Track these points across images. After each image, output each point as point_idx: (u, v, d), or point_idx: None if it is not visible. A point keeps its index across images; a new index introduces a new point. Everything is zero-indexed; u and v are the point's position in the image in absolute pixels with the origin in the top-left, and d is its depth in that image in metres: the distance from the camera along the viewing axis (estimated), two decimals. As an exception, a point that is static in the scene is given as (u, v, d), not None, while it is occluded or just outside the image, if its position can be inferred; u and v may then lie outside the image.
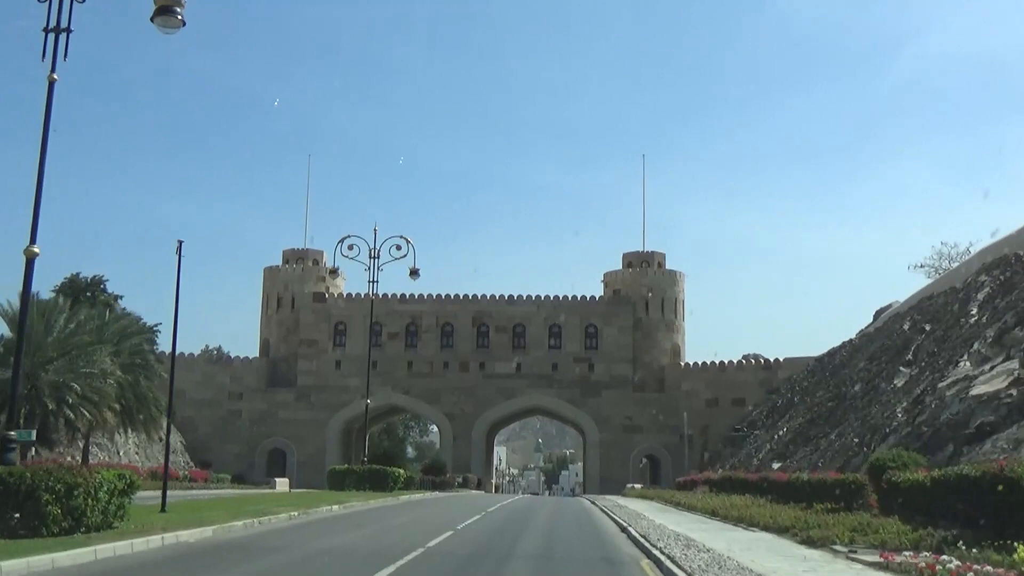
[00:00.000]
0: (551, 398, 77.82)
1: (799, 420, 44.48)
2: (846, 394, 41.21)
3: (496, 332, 78.72)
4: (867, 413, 35.11)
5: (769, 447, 45.12)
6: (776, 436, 45.82)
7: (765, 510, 25.54)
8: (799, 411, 48.38)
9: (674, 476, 75.50)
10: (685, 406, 76.69)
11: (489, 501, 39.54)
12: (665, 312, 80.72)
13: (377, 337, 79.02)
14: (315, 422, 77.49)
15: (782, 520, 22.12)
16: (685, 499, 36.21)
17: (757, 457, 45.50)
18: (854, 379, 42.40)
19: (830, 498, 24.89)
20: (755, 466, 44.64)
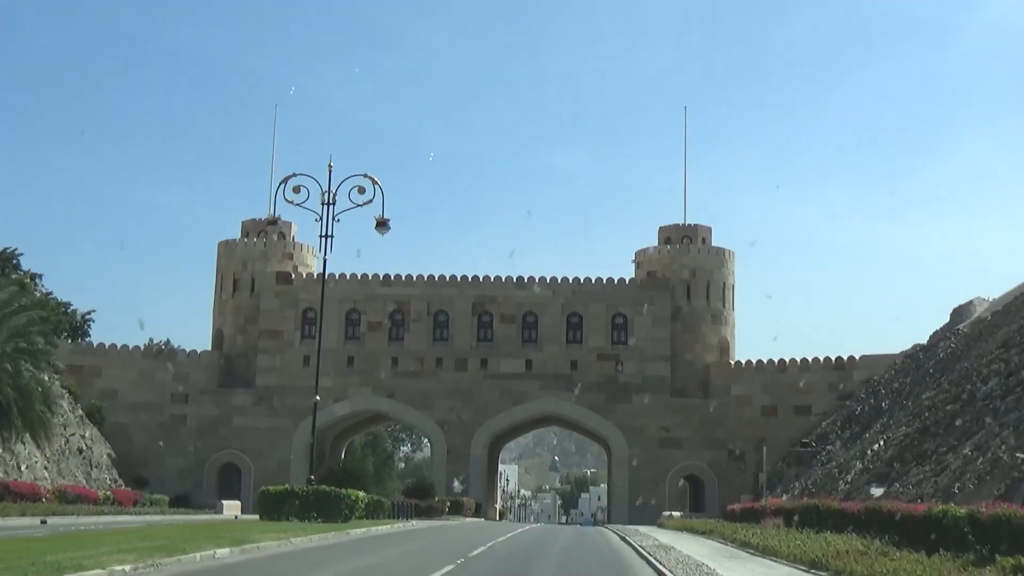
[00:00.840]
0: (569, 404, 69.89)
1: (903, 430, 36.46)
2: (975, 394, 33.15)
3: (501, 322, 70.82)
4: (1020, 417, 27.02)
5: (861, 465, 37.13)
6: (870, 452, 37.83)
7: (912, 565, 17.56)
8: (899, 419, 40.36)
9: (720, 502, 67.63)
10: (735, 415, 68.66)
11: (482, 536, 31.72)
12: (711, 299, 72.66)
13: (355, 327, 71.41)
14: (278, 431, 69.82)
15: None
16: (756, 538, 28.26)
17: (843, 479, 37.45)
18: (983, 373, 34.34)
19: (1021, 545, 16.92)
20: (842, 491, 36.61)
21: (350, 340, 71.15)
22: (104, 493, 55.88)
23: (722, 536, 32.85)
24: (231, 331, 73.26)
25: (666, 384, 69.80)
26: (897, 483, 31.68)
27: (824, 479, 43.01)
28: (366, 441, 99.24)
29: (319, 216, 35.06)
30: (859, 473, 36.85)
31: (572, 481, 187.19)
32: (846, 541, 24.36)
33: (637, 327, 70.49)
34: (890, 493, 31.47)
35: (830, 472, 43.18)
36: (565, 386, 69.95)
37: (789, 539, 26.17)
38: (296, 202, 34.59)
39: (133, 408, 69.32)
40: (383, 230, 35.06)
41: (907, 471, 32.16)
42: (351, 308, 71.45)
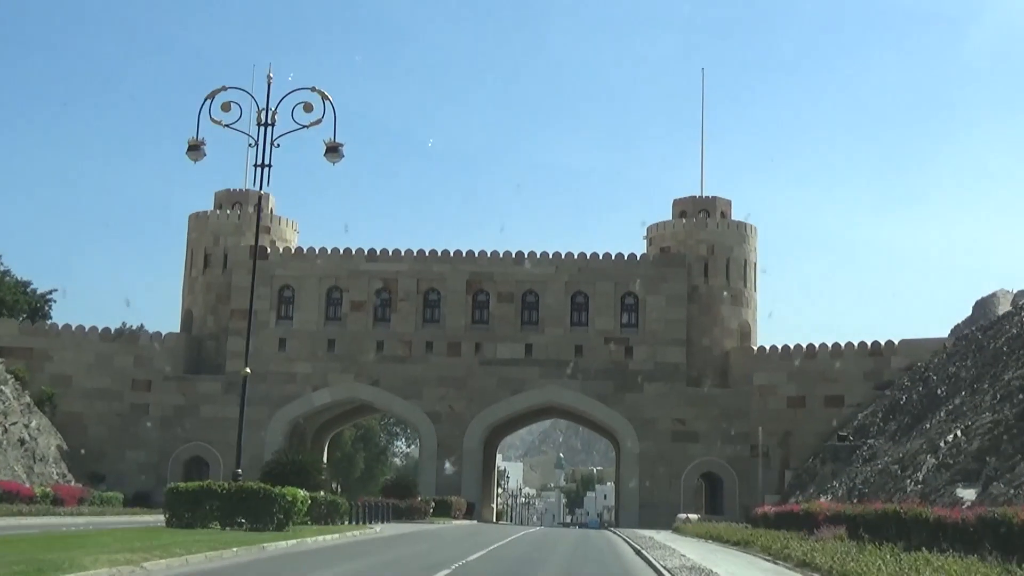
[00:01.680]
0: (573, 393, 62.07)
1: (988, 417, 28.61)
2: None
3: (499, 302, 63.06)
4: None
5: (934, 461, 29.27)
6: (943, 444, 29.96)
7: None
8: (976, 404, 32.47)
9: (741, 502, 59.84)
10: (758, 406, 60.84)
11: (456, 549, 24.03)
12: (731, 278, 64.81)
13: (336, 307, 63.72)
14: (250, 422, 61.71)
15: None
16: (822, 556, 20.47)
17: (911, 478, 29.61)
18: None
19: None
20: (914, 492, 28.75)
21: (331, 321, 63.47)
22: (42, 490, 48.33)
23: (767, 551, 25.06)
24: (201, 312, 65.61)
25: (681, 371, 61.97)
26: (998, 482, 23.79)
27: (879, 478, 35.14)
28: (357, 435, 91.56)
29: (253, 140, 27.30)
30: (933, 470, 29.01)
31: (578, 479, 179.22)
32: (966, 567, 16.62)
33: (649, 308, 62.67)
34: (988, 495, 23.64)
35: (886, 470, 35.29)
36: (569, 373, 62.15)
37: (871, 561, 18.38)
38: (226, 123, 26.87)
39: (89, 396, 61.68)
40: (334, 157, 27.36)
41: (1010, 466, 24.31)
42: (332, 286, 63.76)
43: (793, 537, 27.46)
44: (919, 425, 40.65)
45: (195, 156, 26.87)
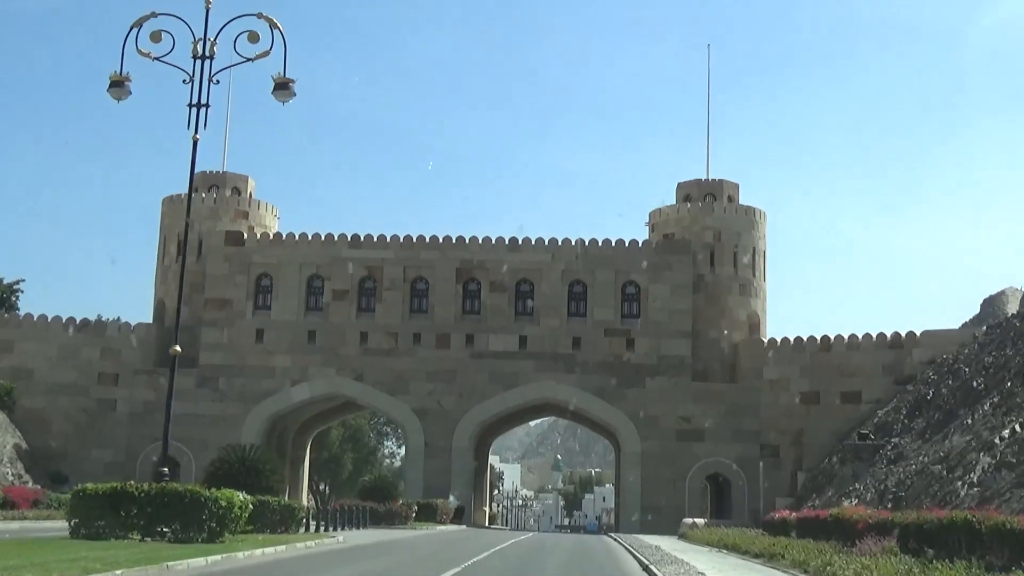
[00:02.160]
0: (570, 388, 57.47)
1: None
2: None
3: (492, 292, 58.49)
4: None
5: (989, 460, 24.65)
6: (999, 441, 25.34)
7: None
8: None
9: (750, 506, 55.30)
10: (769, 403, 56.30)
11: (433, 562, 19.47)
12: (739, 267, 60.23)
13: (317, 296, 59.20)
14: (225, 419, 57.51)
15: None
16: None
17: (964, 480, 25.01)
18: None
19: None
20: (969, 496, 24.12)
21: (311, 312, 58.87)
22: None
23: (802, 568, 20.44)
24: (174, 301, 60.70)
25: (686, 366, 57.37)
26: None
27: (919, 480, 30.54)
28: (345, 435, 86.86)
29: (188, 76, 22.68)
30: (990, 470, 24.42)
31: (576, 481, 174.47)
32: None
33: (652, 298, 58.08)
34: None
35: (925, 471, 30.68)
36: (566, 367, 57.57)
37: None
38: (156, 56, 22.27)
39: (52, 391, 57.01)
40: (285, 95, 22.72)
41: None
42: (313, 274, 59.16)
43: (827, 549, 22.91)
44: (955, 421, 36.04)
45: (118, 94, 22.28)
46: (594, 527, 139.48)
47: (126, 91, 22.00)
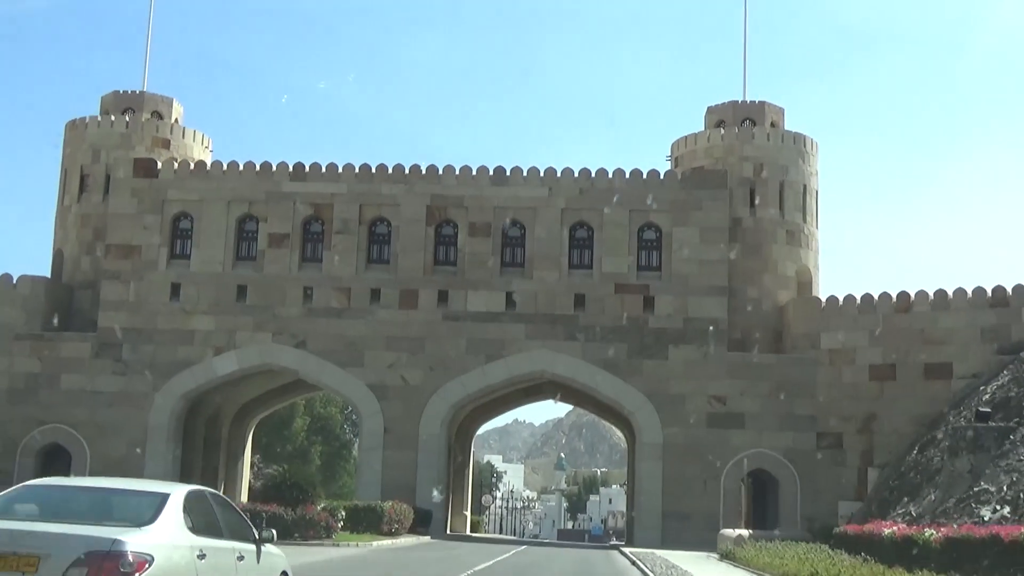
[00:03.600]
0: (572, 360, 43.75)
1: None
2: None
3: (471, 236, 44.83)
4: None
5: None
6: None
7: None
8: None
9: (803, 512, 41.74)
10: (828, 379, 42.66)
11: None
12: (786, 208, 46.57)
13: (250, 242, 45.75)
14: (130, 397, 44.02)
15: None
16: None
17: None
18: None
19: None
20: None
21: (242, 262, 45.30)
22: None
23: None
24: (74, 251, 47.41)
25: (720, 331, 43.66)
26: None
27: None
28: (312, 425, 73.25)
29: None
30: None
31: (580, 481, 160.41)
32: None
33: (677, 244, 44.35)
34: None
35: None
36: (565, 332, 43.86)
37: None
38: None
39: (-93, 359, 43.54)
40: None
41: None
42: (245, 214, 45.56)
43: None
44: None
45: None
46: (599, 531, 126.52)
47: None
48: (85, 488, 10.56)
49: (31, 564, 8.44)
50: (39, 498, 9.75)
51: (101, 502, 9.79)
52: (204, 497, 10.50)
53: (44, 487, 10.26)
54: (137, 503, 9.64)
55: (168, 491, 9.89)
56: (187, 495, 9.99)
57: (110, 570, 8.37)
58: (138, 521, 9.17)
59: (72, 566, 8.38)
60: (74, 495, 10.11)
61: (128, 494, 9.99)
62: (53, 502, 9.65)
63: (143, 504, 9.57)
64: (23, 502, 9.63)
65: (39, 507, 9.49)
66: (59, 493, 10.12)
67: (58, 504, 9.60)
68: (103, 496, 10.02)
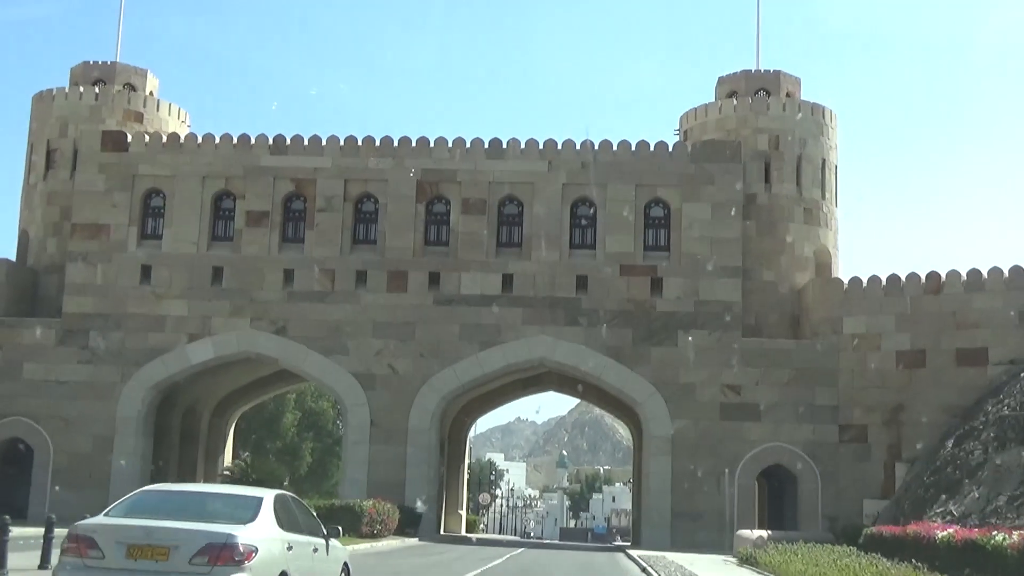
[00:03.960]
0: (573, 347, 40.26)
1: None
2: None
3: (465, 214, 41.33)
4: None
5: None
6: None
7: None
8: None
9: (825, 511, 38.30)
10: (852, 366, 39.19)
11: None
12: (804, 184, 43.07)
13: (226, 221, 42.36)
14: (96, 388, 40.58)
15: None
16: None
17: None
18: None
19: None
20: None
21: (218, 242, 41.84)
22: None
23: None
24: (40, 231, 43.94)
25: (734, 316, 40.17)
26: None
27: None
28: (303, 420, 69.74)
29: None
30: None
31: (583, 480, 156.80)
32: None
33: (688, 222, 40.85)
34: None
35: None
36: (566, 317, 40.36)
37: None
38: None
39: None
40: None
41: None
42: (221, 190, 42.09)
43: None
44: None
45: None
46: (602, 530, 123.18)
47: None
48: (194, 493, 12.43)
49: (163, 553, 10.18)
50: (157, 501, 11.38)
51: (209, 504, 11.40)
52: (287, 500, 12.17)
53: (159, 492, 12.16)
54: (238, 505, 11.31)
55: (261, 495, 11.57)
56: (275, 498, 11.58)
57: (226, 558, 10.08)
58: (242, 519, 10.81)
59: (196, 555, 10.10)
60: (186, 498, 11.81)
61: (230, 498, 11.79)
62: (171, 504, 11.28)
63: (243, 506, 11.23)
64: (144, 504, 11.25)
65: (160, 508, 11.04)
66: (174, 497, 11.90)
67: (175, 506, 11.20)
68: (210, 499, 11.72)
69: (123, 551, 10.33)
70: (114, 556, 10.33)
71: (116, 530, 10.56)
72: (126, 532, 10.49)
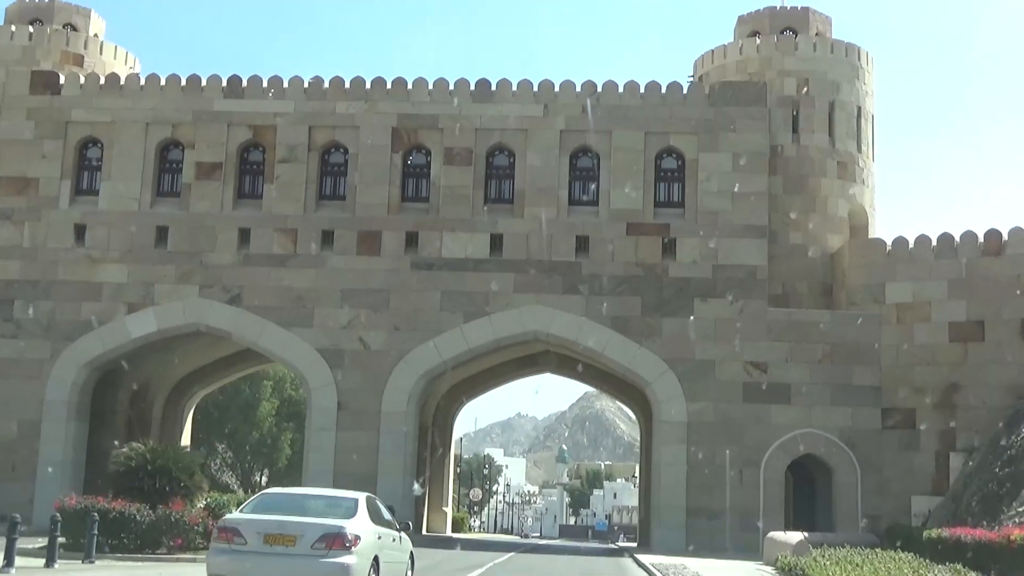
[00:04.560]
0: (573, 318, 34.39)
1: None
2: None
3: (448, 166, 35.44)
4: None
5: None
6: None
7: None
8: None
9: (866, 510, 32.47)
10: (896, 340, 33.41)
11: None
12: (836, 134, 37.19)
13: (173, 175, 36.59)
14: (22, 365, 34.76)
15: None
16: None
17: None
18: None
19: None
20: None
21: (163, 198, 36.04)
22: None
23: None
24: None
25: (759, 282, 34.33)
26: None
27: None
28: (282, 409, 63.88)
29: None
30: None
31: (583, 475, 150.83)
32: None
33: (705, 175, 34.98)
34: None
35: None
36: (564, 284, 34.51)
37: None
38: None
39: None
40: None
41: None
42: (167, 139, 36.24)
43: None
44: None
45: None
46: (603, 527, 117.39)
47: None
48: (305, 495, 15.60)
49: (291, 540, 13.17)
50: (278, 501, 14.59)
51: (319, 504, 14.56)
52: (373, 499, 15.55)
53: (278, 494, 15.59)
54: (340, 504, 14.53)
55: (356, 497, 14.96)
56: (366, 499, 14.97)
57: (339, 544, 13.12)
58: (346, 515, 13.97)
59: (316, 541, 13.14)
60: (300, 499, 14.88)
61: (333, 499, 15.09)
62: (290, 504, 14.45)
63: (345, 505, 14.48)
64: (268, 504, 14.37)
65: (280, 507, 14.17)
66: (290, 498, 15.01)
67: (292, 505, 14.34)
68: (319, 500, 14.88)
69: (261, 539, 13.04)
70: (254, 542, 13.01)
71: (255, 523, 13.30)
72: (263, 524, 13.24)
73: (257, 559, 13.08)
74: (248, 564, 13.06)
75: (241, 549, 13.12)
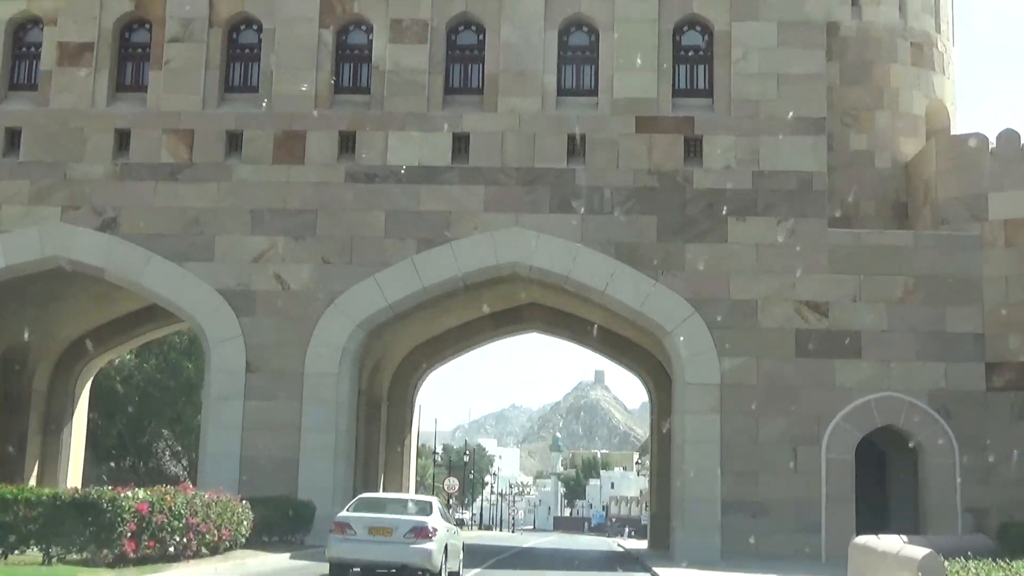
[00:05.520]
0: (564, 245, 24.98)
1: None
2: None
3: (395, 43, 25.98)
4: None
5: None
6: None
7: None
8: None
9: (966, 502, 22.85)
10: (1000, 272, 24.08)
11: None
12: (908, 9, 27.88)
13: (31, 60, 27.64)
14: None
15: None
16: None
17: None
18: None
19: None
20: None
21: (17, 92, 26.92)
22: None
23: None
24: None
25: (815, 196, 24.93)
26: None
27: None
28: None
29: None
30: None
31: (578, 464, 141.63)
32: None
33: (740, 52, 25.56)
34: None
35: None
36: (555, 201, 25.13)
37: None
38: None
39: None
40: None
41: None
42: (22, 13, 26.87)
43: None
44: None
45: None
46: (601, 519, 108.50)
47: None
48: (393, 499, 19.78)
49: (389, 532, 16.75)
50: (373, 503, 18.39)
51: (405, 504, 18.38)
52: (439, 502, 19.65)
53: (370, 498, 19.34)
54: (420, 504, 18.33)
55: (431, 499, 19.04)
56: (437, 500, 19.17)
57: (424, 535, 16.64)
58: (425, 513, 17.56)
59: (407, 532, 16.66)
60: (390, 501, 18.89)
61: (415, 501, 18.93)
62: (384, 504, 18.42)
63: (423, 505, 18.27)
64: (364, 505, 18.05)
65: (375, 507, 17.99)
66: (382, 500, 19.10)
67: (386, 506, 18.24)
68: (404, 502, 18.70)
69: (367, 531, 16.84)
70: (362, 533, 16.79)
71: (362, 519, 17.07)
72: (368, 520, 17.05)
73: (366, 545, 16.68)
74: (360, 548, 16.69)
75: (352, 539, 16.78)
